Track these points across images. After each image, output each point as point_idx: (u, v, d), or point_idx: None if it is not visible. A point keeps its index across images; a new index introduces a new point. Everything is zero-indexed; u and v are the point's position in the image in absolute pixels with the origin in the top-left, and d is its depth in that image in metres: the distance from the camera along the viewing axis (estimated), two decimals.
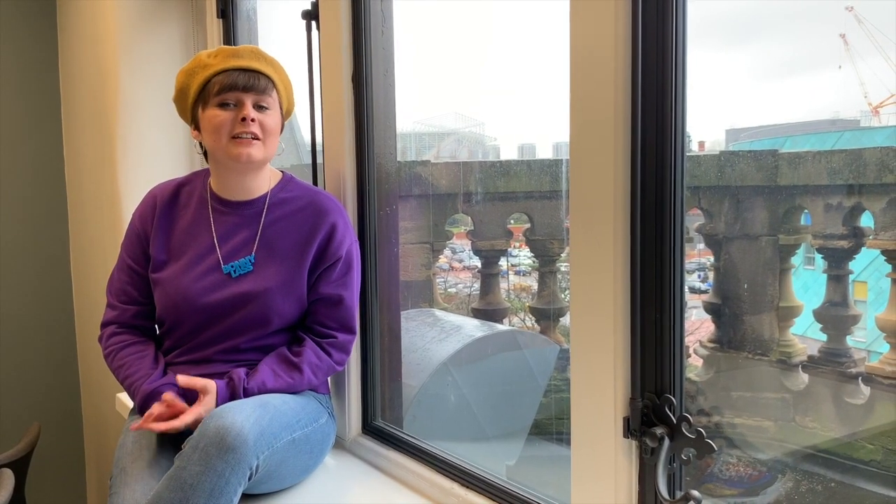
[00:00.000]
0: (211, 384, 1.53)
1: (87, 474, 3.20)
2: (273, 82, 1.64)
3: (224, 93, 1.59)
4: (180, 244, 1.69)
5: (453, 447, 1.74)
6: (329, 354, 1.67)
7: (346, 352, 1.71)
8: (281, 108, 1.69)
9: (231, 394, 1.55)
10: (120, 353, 1.67)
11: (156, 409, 1.49)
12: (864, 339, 2.96)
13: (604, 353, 1.22)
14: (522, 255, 4.08)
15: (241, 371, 1.59)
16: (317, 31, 1.94)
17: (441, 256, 3.66)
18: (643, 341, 1.19)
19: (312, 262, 1.66)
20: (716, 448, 1.12)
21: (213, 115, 1.60)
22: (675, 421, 1.16)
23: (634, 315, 1.19)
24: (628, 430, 1.20)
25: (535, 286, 3.44)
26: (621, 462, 1.21)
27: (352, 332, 1.71)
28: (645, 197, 1.16)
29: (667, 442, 1.16)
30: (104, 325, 1.74)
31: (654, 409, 1.18)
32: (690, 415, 1.16)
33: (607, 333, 1.21)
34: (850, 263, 2.91)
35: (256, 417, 1.43)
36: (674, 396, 1.17)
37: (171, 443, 1.54)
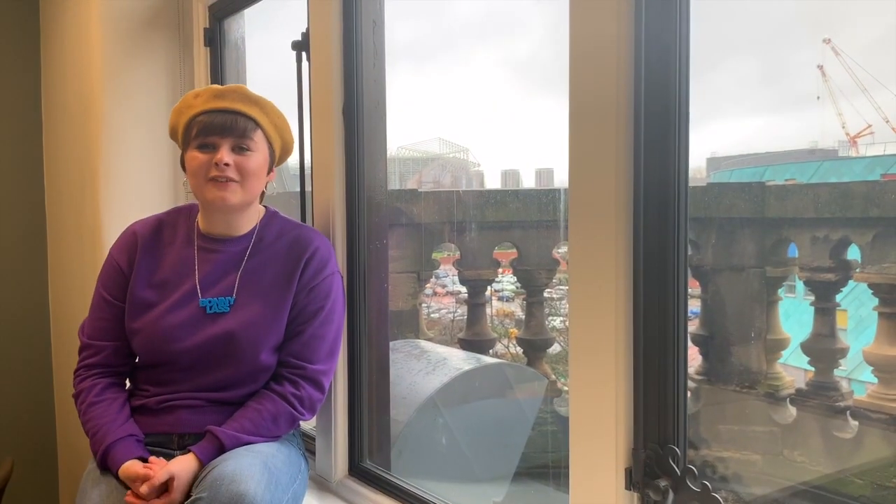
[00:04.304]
0: (177, 468, 1.47)
1: None
2: (257, 122, 1.61)
3: (202, 136, 1.58)
4: (163, 283, 1.64)
5: (439, 483, 1.69)
6: (298, 390, 1.59)
7: (317, 385, 1.62)
8: (272, 148, 1.66)
9: (217, 449, 1.50)
10: (88, 409, 1.60)
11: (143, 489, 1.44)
12: (845, 367, 2.96)
13: (605, 400, 1.18)
14: (505, 281, 4.06)
15: (224, 428, 1.54)
16: (307, 62, 1.92)
17: (426, 284, 3.64)
18: (646, 389, 1.16)
19: (296, 291, 1.62)
20: (722, 503, 1.08)
21: (192, 157, 1.59)
22: (679, 473, 1.13)
23: (637, 361, 1.16)
24: (630, 482, 1.17)
25: (518, 312, 3.41)
26: None
27: (323, 363, 1.63)
28: (647, 239, 1.14)
29: (671, 495, 1.13)
30: (80, 368, 1.67)
31: (658, 461, 1.15)
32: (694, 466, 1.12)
33: (609, 380, 1.18)
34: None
35: (266, 483, 1.41)
36: (677, 447, 1.14)
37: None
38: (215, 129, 1.57)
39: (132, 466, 1.48)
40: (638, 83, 1.13)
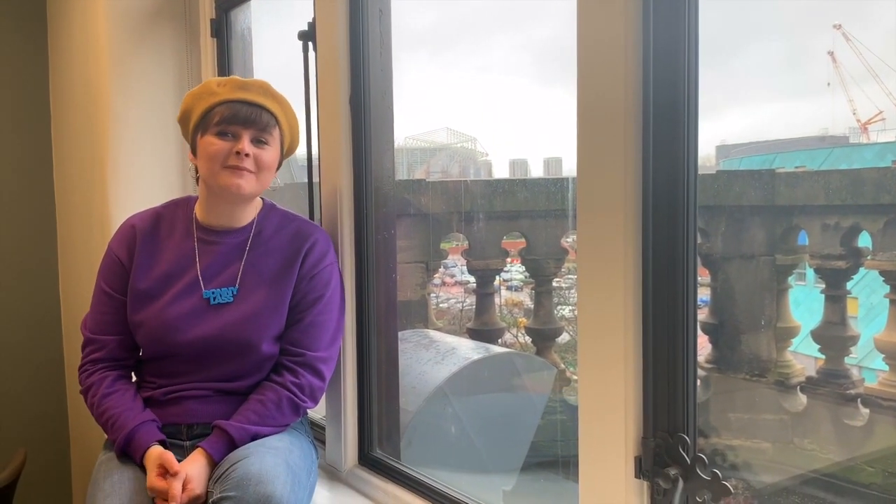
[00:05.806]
0: (189, 471, 1.47)
1: (73, 502, 3.13)
2: (276, 119, 1.63)
3: (224, 124, 1.58)
4: (164, 275, 1.65)
5: (449, 473, 1.70)
6: (297, 378, 1.60)
7: (316, 372, 1.63)
8: (282, 145, 1.67)
9: (227, 443, 1.51)
10: (101, 401, 1.62)
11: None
12: (855, 355, 2.94)
13: (614, 389, 1.18)
14: (514, 270, 4.05)
15: (231, 422, 1.54)
16: (314, 52, 1.91)
17: (434, 274, 3.63)
18: (655, 377, 1.16)
19: (296, 280, 1.64)
20: (732, 491, 1.08)
21: (209, 142, 1.59)
22: (689, 461, 1.12)
23: (647, 350, 1.16)
24: (640, 471, 1.17)
25: (527, 301, 3.39)
26: None
27: (323, 350, 1.64)
28: (656, 228, 1.13)
29: (681, 483, 1.12)
30: (85, 364, 1.69)
31: (667, 449, 1.14)
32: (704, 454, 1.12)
33: (618, 369, 1.17)
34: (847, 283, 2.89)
35: (291, 483, 1.43)
36: (687, 435, 1.13)
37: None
38: (239, 119, 1.58)
39: (157, 455, 1.49)
40: (647, 73, 1.12)
